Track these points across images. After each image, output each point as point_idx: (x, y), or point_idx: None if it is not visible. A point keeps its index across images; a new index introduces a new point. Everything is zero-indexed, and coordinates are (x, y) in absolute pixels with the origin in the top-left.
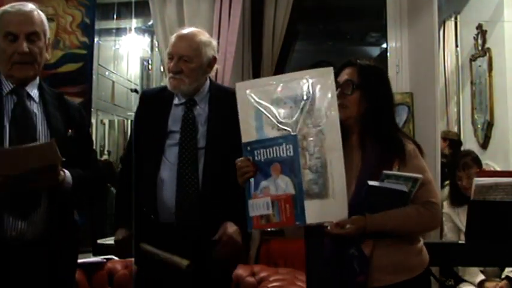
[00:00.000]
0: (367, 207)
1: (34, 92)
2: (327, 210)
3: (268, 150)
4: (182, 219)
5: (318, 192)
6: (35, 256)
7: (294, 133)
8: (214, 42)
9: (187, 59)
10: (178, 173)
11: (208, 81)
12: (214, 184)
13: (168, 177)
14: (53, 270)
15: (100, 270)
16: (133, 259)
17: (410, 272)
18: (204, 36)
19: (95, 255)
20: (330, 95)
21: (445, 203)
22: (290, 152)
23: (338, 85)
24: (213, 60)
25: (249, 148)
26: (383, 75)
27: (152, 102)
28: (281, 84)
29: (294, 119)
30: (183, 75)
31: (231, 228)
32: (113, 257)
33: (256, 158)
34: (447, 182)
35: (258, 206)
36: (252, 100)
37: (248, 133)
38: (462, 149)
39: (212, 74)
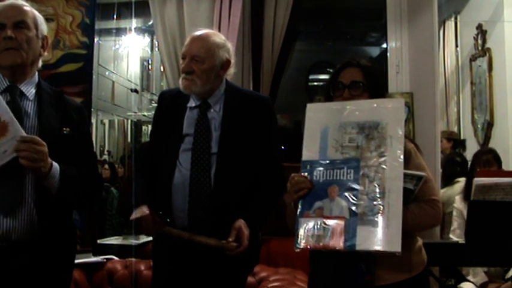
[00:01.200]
0: None
1: (30, 91)
2: (379, 238)
3: (328, 171)
4: (194, 225)
5: (372, 219)
6: (23, 256)
7: (357, 158)
8: (230, 45)
9: (198, 59)
10: (191, 178)
11: (224, 84)
12: (226, 190)
13: (181, 182)
14: (44, 270)
15: (100, 270)
16: (133, 259)
17: (411, 270)
18: (218, 38)
19: (94, 255)
20: (398, 127)
21: (458, 198)
22: (350, 176)
23: (343, 86)
24: (227, 62)
25: (308, 166)
26: (383, 76)
27: (170, 103)
28: (349, 109)
29: (358, 144)
30: (194, 75)
31: (247, 230)
32: (113, 257)
33: (314, 177)
34: (457, 180)
35: (309, 225)
36: (320, 121)
37: (310, 151)
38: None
39: (229, 78)
